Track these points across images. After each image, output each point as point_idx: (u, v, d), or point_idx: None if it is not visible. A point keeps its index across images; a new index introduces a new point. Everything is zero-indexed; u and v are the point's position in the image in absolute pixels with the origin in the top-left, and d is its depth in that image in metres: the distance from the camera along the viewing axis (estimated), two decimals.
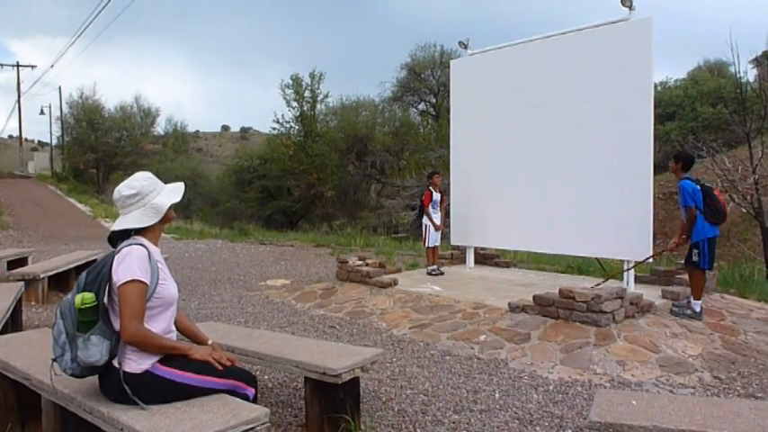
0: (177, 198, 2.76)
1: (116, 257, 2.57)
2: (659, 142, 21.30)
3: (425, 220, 8.52)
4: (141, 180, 2.72)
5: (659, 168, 18.69)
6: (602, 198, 7.05)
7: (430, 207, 8.48)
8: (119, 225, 2.68)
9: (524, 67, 7.87)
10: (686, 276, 6.78)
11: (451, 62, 9.34)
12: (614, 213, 6.93)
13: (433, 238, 8.50)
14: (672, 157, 6.26)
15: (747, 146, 12.43)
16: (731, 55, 19.81)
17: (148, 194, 2.69)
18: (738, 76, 13.68)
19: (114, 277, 2.53)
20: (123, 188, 2.68)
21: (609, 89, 6.95)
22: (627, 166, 6.78)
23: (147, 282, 2.55)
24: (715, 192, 5.89)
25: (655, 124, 6.93)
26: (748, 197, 12.08)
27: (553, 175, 7.50)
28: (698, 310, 5.91)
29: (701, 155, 14.94)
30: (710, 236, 5.90)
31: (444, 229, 8.78)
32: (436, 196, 8.55)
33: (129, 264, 2.53)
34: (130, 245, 2.60)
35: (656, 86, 19.13)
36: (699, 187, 5.85)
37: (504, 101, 8.13)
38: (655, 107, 6.89)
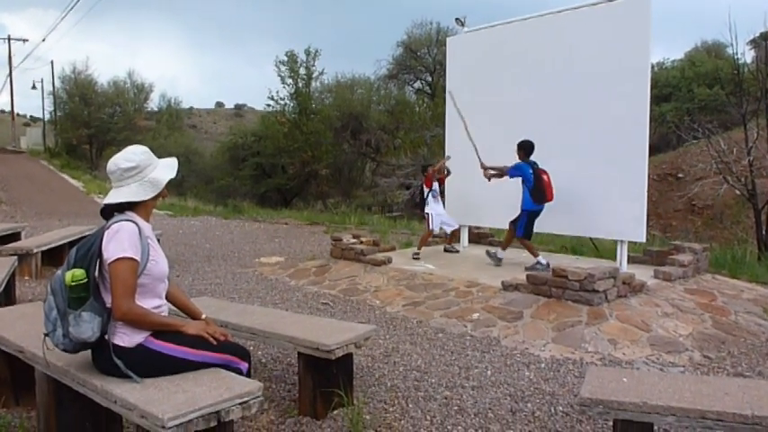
0: (173, 173, 2.74)
1: (106, 234, 2.55)
2: (655, 123, 21.24)
3: (427, 208, 8.38)
4: (139, 153, 2.68)
5: (655, 149, 18.75)
6: (597, 178, 7.05)
7: (430, 196, 8.36)
8: (114, 198, 2.64)
9: (521, 46, 7.81)
10: (678, 257, 6.89)
11: (448, 39, 9.25)
12: (609, 194, 6.94)
13: (436, 222, 8.42)
14: (517, 146, 7.13)
15: (743, 128, 12.44)
16: (729, 36, 19.77)
17: (146, 168, 2.66)
18: (736, 57, 13.66)
19: (104, 254, 2.51)
20: (120, 161, 2.64)
21: (606, 68, 6.90)
22: (622, 146, 6.77)
23: (138, 258, 2.53)
24: (544, 177, 6.89)
25: (651, 105, 6.90)
26: (742, 179, 12.13)
27: (548, 155, 7.47)
28: (544, 262, 6.96)
29: (696, 136, 14.96)
30: (529, 208, 6.99)
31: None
32: (435, 185, 8.46)
33: (120, 241, 2.51)
34: (120, 221, 2.57)
35: (652, 67, 19.06)
36: (532, 170, 6.88)
37: (500, 79, 8.08)
38: (651, 88, 6.85)
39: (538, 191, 6.88)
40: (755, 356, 4.78)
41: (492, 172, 7.39)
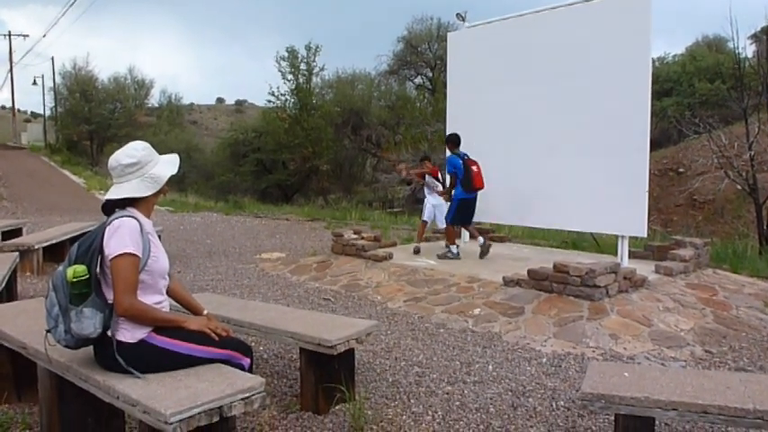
0: (175, 170, 2.73)
1: (107, 230, 2.55)
2: (656, 118, 21.20)
3: (425, 200, 8.41)
4: (140, 149, 2.68)
5: (656, 144, 18.71)
6: (598, 173, 7.03)
7: (425, 189, 8.37)
8: (115, 194, 2.64)
9: (522, 41, 7.78)
10: (679, 252, 6.89)
11: (449, 35, 9.23)
12: (610, 189, 6.91)
13: (427, 214, 8.42)
14: (445, 141, 7.81)
15: (744, 122, 12.42)
16: (730, 31, 19.69)
17: (147, 164, 2.66)
18: (737, 52, 13.62)
19: (106, 250, 2.51)
20: (122, 156, 2.64)
21: (607, 63, 6.88)
22: (623, 141, 6.75)
23: (139, 254, 2.53)
24: (472, 167, 7.34)
25: (652, 100, 6.89)
26: (743, 174, 12.11)
27: (549, 150, 7.47)
28: (455, 251, 7.53)
29: (697, 131, 14.93)
30: (460, 197, 7.46)
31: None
32: (428, 178, 8.49)
33: (121, 237, 2.51)
34: (121, 217, 2.57)
35: (653, 62, 18.98)
36: (462, 161, 7.37)
37: (501, 75, 8.05)
38: (652, 83, 6.84)
39: (467, 180, 7.34)
40: (757, 351, 4.78)
41: (445, 193, 7.97)
